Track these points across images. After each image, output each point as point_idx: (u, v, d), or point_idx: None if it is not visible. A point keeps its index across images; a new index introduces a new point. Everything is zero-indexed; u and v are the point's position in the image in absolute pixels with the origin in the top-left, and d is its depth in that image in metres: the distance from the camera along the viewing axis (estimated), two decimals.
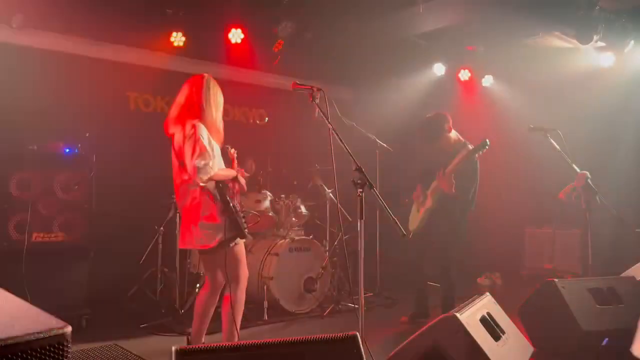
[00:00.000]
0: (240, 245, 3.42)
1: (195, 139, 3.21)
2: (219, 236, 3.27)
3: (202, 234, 3.30)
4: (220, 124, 3.45)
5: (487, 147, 4.62)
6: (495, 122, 7.58)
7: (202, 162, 3.18)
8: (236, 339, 3.42)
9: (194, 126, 3.26)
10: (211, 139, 3.34)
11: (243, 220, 3.41)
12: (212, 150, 3.30)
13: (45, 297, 4.20)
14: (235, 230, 3.31)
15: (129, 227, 5.31)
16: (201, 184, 3.25)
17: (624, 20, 5.64)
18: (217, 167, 3.30)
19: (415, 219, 5.02)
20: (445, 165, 4.68)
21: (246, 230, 3.42)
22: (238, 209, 3.41)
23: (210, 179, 3.25)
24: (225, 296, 3.47)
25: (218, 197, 3.31)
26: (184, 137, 3.28)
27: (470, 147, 4.75)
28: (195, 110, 3.34)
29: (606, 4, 5.43)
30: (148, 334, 4.51)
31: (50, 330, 1.05)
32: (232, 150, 3.65)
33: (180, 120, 3.35)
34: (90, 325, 4.54)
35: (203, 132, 3.26)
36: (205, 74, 3.49)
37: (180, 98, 3.44)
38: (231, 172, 3.44)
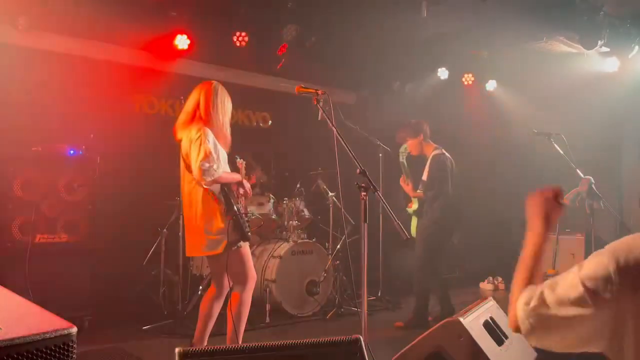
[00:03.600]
0: (245, 247, 3.45)
1: (201, 142, 3.27)
2: (224, 240, 3.30)
3: (208, 240, 3.35)
4: (227, 130, 3.51)
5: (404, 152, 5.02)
6: (499, 127, 7.59)
7: (207, 165, 3.23)
8: (240, 340, 3.43)
9: (200, 130, 3.32)
10: (217, 143, 3.39)
11: (247, 224, 3.45)
12: (218, 154, 3.35)
13: (48, 298, 4.22)
14: (238, 233, 3.34)
15: (132, 228, 5.32)
16: (205, 186, 3.28)
17: (628, 26, 5.64)
18: (222, 170, 3.33)
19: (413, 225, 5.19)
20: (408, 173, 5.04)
21: (249, 233, 3.45)
22: (242, 212, 3.44)
23: (214, 181, 3.28)
24: (232, 296, 3.48)
25: (222, 200, 3.35)
26: (191, 140, 3.33)
27: (438, 151, 5.03)
28: (202, 115, 3.40)
29: (610, 9, 5.43)
30: (150, 336, 4.52)
31: (56, 330, 1.05)
32: (240, 160, 3.69)
33: (188, 125, 3.42)
34: (92, 326, 4.54)
35: (209, 136, 3.32)
36: (214, 81, 3.55)
37: (189, 104, 3.51)
38: (236, 176, 3.49)
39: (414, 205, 5.09)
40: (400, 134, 5.19)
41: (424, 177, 5.05)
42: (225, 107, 3.50)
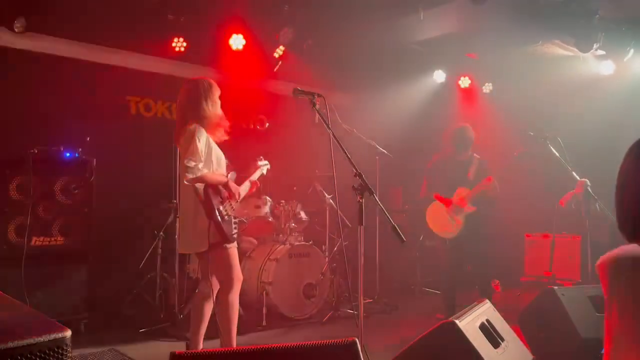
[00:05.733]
0: (230, 249, 3.43)
1: (190, 140, 3.30)
2: (209, 240, 3.31)
3: (194, 238, 3.37)
4: (217, 118, 3.49)
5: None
6: (495, 129, 7.59)
7: (192, 163, 3.25)
8: (234, 344, 3.42)
9: (191, 128, 3.35)
10: (211, 142, 3.40)
11: (234, 226, 3.44)
12: (212, 154, 3.39)
13: (44, 301, 4.23)
14: (219, 235, 3.34)
15: (129, 231, 5.31)
16: (186, 183, 3.31)
17: (624, 29, 5.66)
18: (207, 170, 3.33)
19: (450, 226, 5.07)
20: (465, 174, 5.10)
21: (234, 235, 3.44)
22: (226, 213, 3.42)
23: (197, 179, 3.30)
24: (218, 298, 3.48)
25: (204, 201, 3.36)
26: (183, 139, 3.36)
27: (476, 156, 5.23)
28: (190, 113, 3.43)
29: (606, 12, 5.45)
30: (147, 339, 4.51)
31: (50, 334, 1.05)
32: (262, 163, 3.72)
33: (181, 125, 3.45)
34: (88, 329, 4.53)
35: (201, 135, 3.34)
36: (196, 77, 3.60)
37: (179, 107, 3.56)
38: (221, 178, 3.48)
39: (472, 208, 5.07)
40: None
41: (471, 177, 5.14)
42: (211, 97, 3.49)
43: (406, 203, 7.27)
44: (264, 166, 3.78)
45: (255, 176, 3.73)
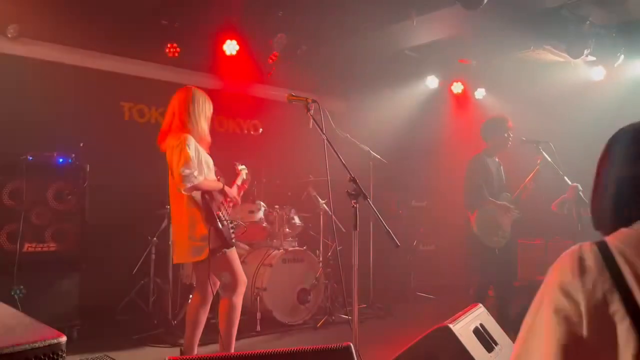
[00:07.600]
0: (230, 252, 3.45)
1: (182, 149, 3.30)
2: (207, 247, 3.31)
3: (192, 247, 3.36)
4: (203, 133, 3.52)
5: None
6: None
7: (187, 171, 3.25)
8: (232, 347, 3.43)
9: (181, 137, 3.35)
10: (200, 149, 3.41)
11: (231, 230, 3.45)
12: (202, 160, 3.39)
13: (36, 308, 4.20)
14: (220, 240, 3.35)
15: (122, 237, 5.29)
16: (184, 192, 3.31)
17: (614, 35, 5.72)
18: (203, 176, 3.34)
19: (494, 229, 4.85)
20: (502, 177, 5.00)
21: (233, 239, 3.46)
22: (224, 218, 3.43)
23: (194, 187, 3.30)
24: (222, 301, 3.48)
25: (202, 207, 3.36)
26: (172, 147, 3.35)
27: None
28: (182, 122, 3.43)
29: (596, 18, 5.51)
30: (140, 345, 4.48)
31: (45, 339, 1.05)
32: (241, 167, 3.74)
33: (170, 133, 3.45)
34: (81, 336, 4.50)
35: (190, 143, 3.34)
36: (191, 87, 3.58)
37: (169, 112, 3.54)
38: (217, 184, 3.49)
39: (517, 212, 4.94)
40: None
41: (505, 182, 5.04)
42: (204, 110, 3.51)
43: (400, 208, 7.29)
44: (242, 170, 3.80)
45: (239, 180, 3.75)
